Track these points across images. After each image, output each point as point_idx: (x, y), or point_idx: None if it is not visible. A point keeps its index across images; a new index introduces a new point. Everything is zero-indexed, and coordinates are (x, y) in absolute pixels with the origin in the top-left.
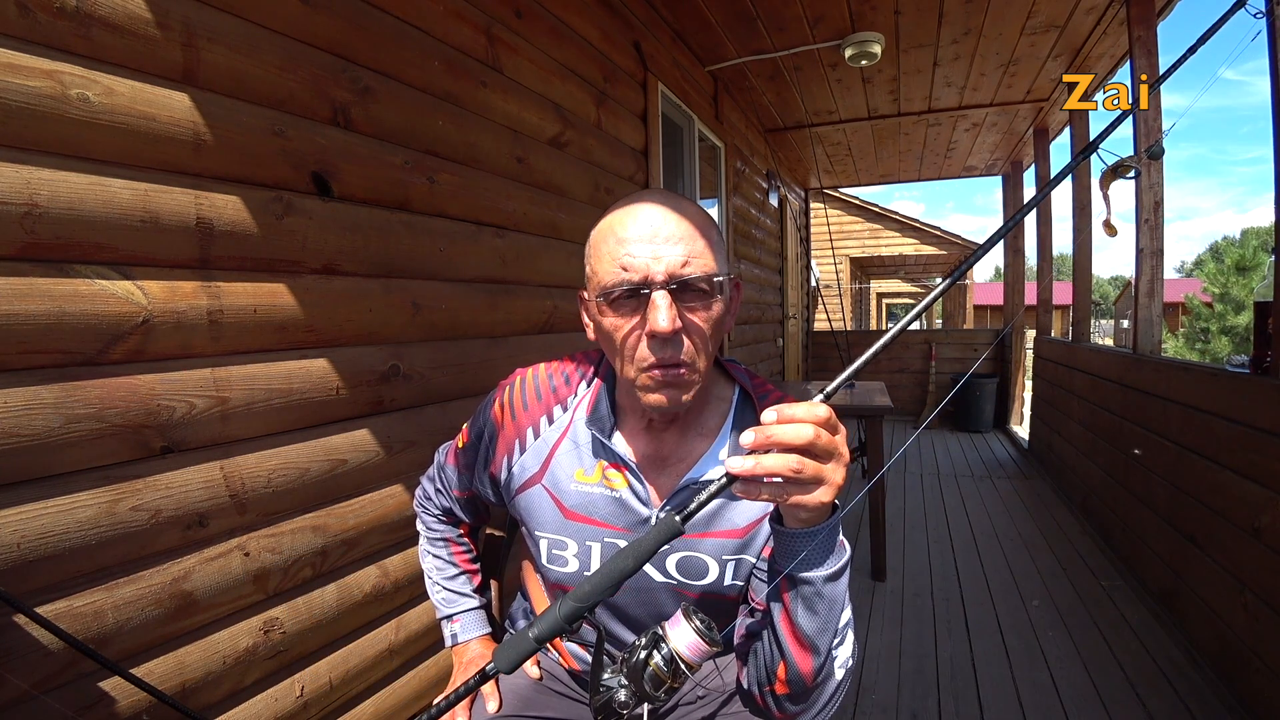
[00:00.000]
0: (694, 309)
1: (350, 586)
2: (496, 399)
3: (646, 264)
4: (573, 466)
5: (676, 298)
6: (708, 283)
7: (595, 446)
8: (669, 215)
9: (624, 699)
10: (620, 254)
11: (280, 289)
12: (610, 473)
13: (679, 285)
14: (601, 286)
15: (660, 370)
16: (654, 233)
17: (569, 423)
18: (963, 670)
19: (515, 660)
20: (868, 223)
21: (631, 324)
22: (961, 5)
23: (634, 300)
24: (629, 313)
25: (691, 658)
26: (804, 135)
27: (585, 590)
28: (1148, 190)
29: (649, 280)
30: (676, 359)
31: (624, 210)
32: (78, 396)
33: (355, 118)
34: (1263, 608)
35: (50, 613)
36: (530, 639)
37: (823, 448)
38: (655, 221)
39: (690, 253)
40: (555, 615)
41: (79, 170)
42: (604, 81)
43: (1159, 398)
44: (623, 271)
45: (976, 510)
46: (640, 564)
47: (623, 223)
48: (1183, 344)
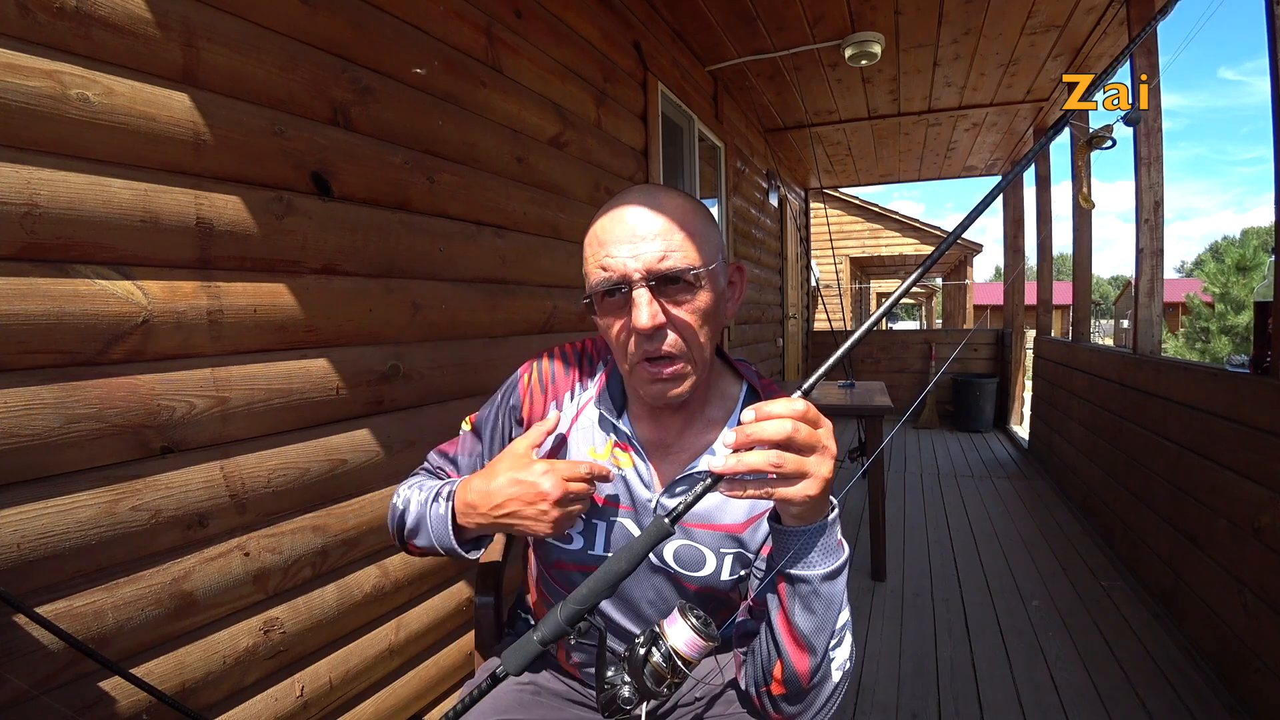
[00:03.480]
0: (678, 301)
1: (350, 586)
2: (524, 374)
3: (624, 263)
4: (586, 444)
5: (659, 292)
6: (688, 274)
7: (605, 425)
8: (644, 213)
9: (628, 695)
10: (601, 255)
11: (280, 289)
12: (619, 452)
13: (658, 280)
14: (590, 288)
15: (650, 364)
16: (630, 231)
17: (587, 401)
18: (963, 670)
19: (522, 663)
20: (868, 223)
21: (621, 322)
22: (961, 5)
23: (618, 299)
24: (617, 311)
25: (689, 654)
26: (804, 135)
27: (583, 593)
28: (1148, 190)
29: (627, 278)
30: (660, 352)
31: (605, 214)
32: (78, 396)
33: (355, 118)
34: (1263, 608)
35: (50, 613)
36: (535, 641)
37: (802, 441)
38: (632, 220)
39: (668, 247)
40: (556, 618)
41: (79, 170)
42: (604, 81)
43: (1159, 398)
44: (603, 272)
45: (976, 510)
46: (634, 566)
47: (603, 225)
48: (1183, 344)
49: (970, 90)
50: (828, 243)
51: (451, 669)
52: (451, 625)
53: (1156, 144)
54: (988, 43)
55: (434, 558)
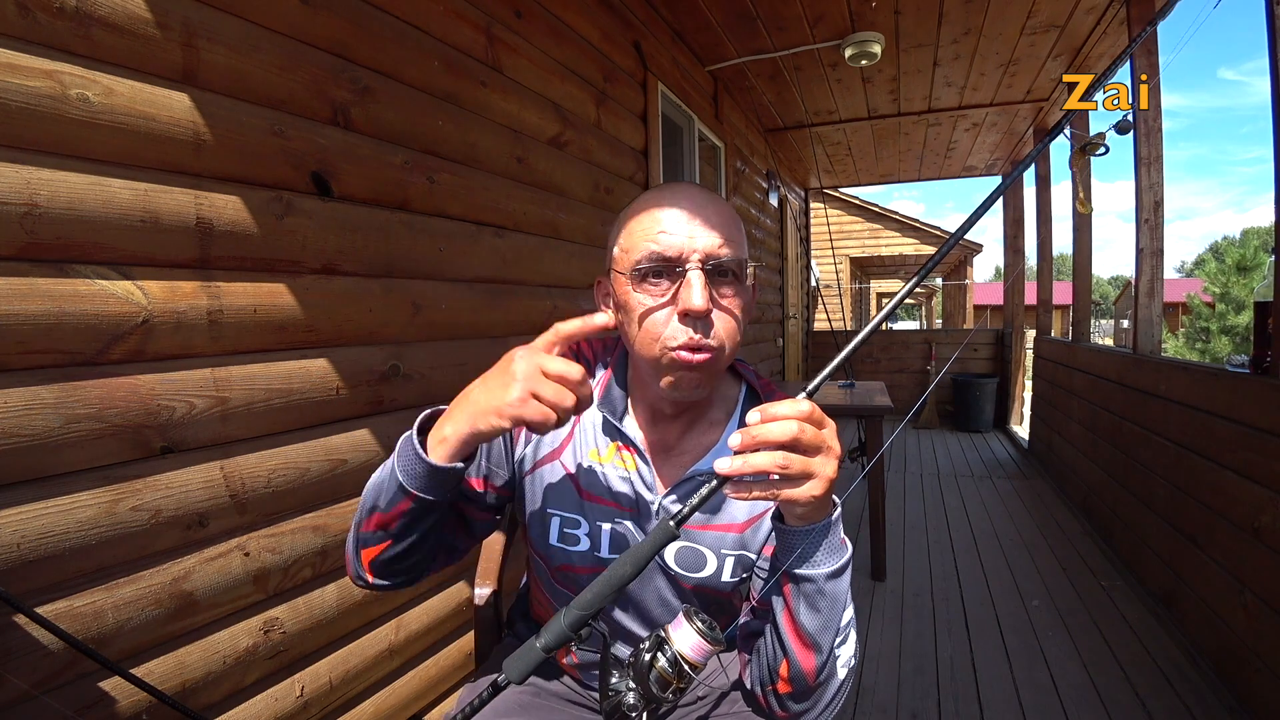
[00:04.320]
0: (725, 294)
1: (350, 587)
2: None
3: (684, 242)
4: (588, 446)
5: (710, 280)
6: (740, 267)
7: (607, 427)
8: (708, 199)
9: (633, 702)
10: (655, 230)
11: (280, 289)
12: (623, 454)
13: (714, 267)
14: (633, 263)
15: (687, 351)
16: (692, 214)
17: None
18: (963, 670)
19: (525, 671)
20: (868, 223)
21: (662, 301)
22: (961, 5)
23: (666, 279)
24: (660, 290)
25: (695, 658)
26: (804, 135)
27: (587, 599)
28: (1148, 190)
29: (684, 258)
30: (703, 342)
31: (661, 191)
32: (78, 396)
33: (355, 118)
34: (1263, 608)
35: (50, 613)
36: (538, 649)
37: (808, 442)
38: (694, 203)
39: (726, 237)
40: (560, 625)
41: (79, 170)
42: (604, 81)
43: (1159, 398)
44: (656, 247)
45: (976, 510)
46: (639, 570)
47: (657, 201)
48: (1183, 344)
49: (970, 90)
50: (828, 243)
51: (451, 669)
52: (451, 625)
53: (1156, 144)
54: (988, 43)
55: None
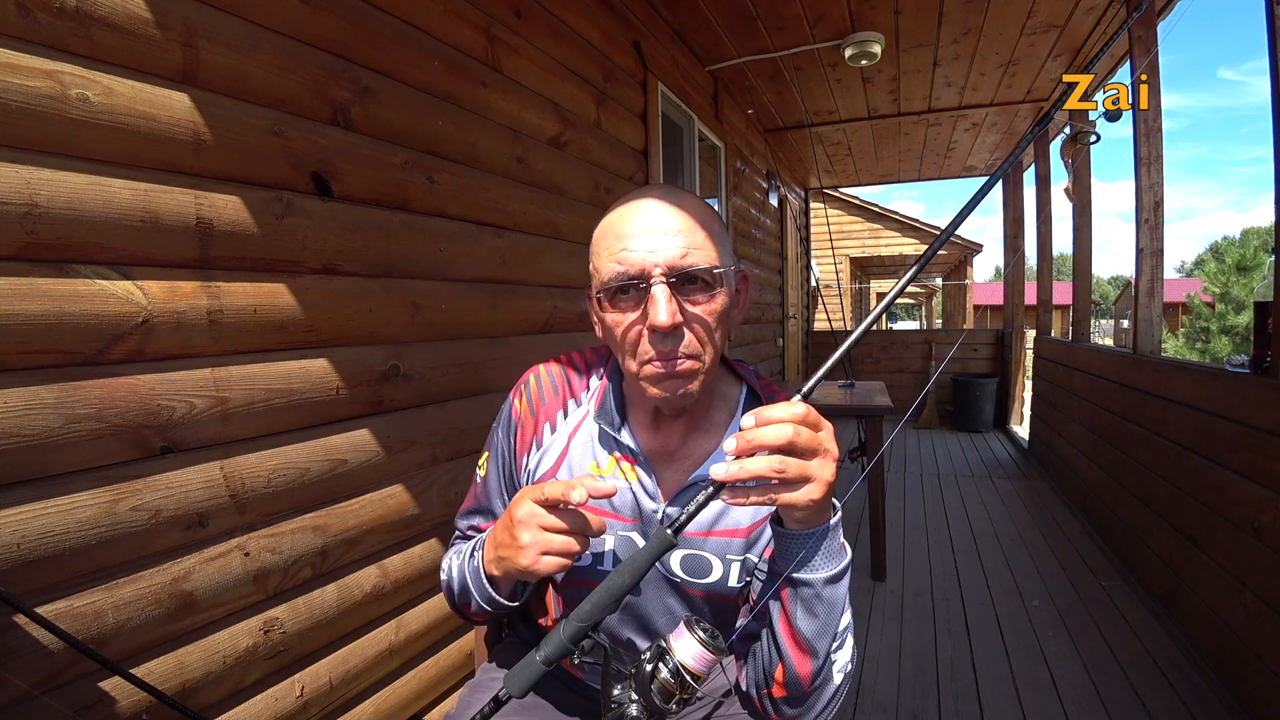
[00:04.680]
0: (696, 300)
1: (350, 586)
2: (515, 399)
3: (644, 258)
4: (587, 459)
5: (677, 290)
6: (708, 274)
7: (605, 439)
8: (667, 209)
9: (635, 713)
10: (618, 249)
11: (280, 289)
12: (623, 465)
13: (678, 277)
14: (602, 282)
15: (662, 362)
16: (651, 226)
17: (583, 416)
18: (963, 670)
19: (525, 685)
20: (868, 223)
21: (632, 319)
22: (961, 5)
23: (634, 295)
24: (630, 307)
25: (697, 668)
26: (804, 135)
27: (586, 610)
28: (1148, 190)
29: (646, 274)
30: (676, 352)
31: (623, 207)
32: (78, 396)
33: (355, 118)
34: (1263, 608)
35: (50, 613)
36: (538, 662)
37: (804, 445)
38: (653, 216)
39: (689, 244)
40: (560, 637)
41: (79, 170)
42: (604, 81)
43: (1159, 398)
44: (619, 266)
45: (976, 510)
46: (637, 579)
47: (621, 219)
48: (1183, 344)
49: (970, 90)
50: (828, 243)
51: (451, 669)
52: (451, 625)
53: (1156, 144)
54: (988, 43)
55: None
